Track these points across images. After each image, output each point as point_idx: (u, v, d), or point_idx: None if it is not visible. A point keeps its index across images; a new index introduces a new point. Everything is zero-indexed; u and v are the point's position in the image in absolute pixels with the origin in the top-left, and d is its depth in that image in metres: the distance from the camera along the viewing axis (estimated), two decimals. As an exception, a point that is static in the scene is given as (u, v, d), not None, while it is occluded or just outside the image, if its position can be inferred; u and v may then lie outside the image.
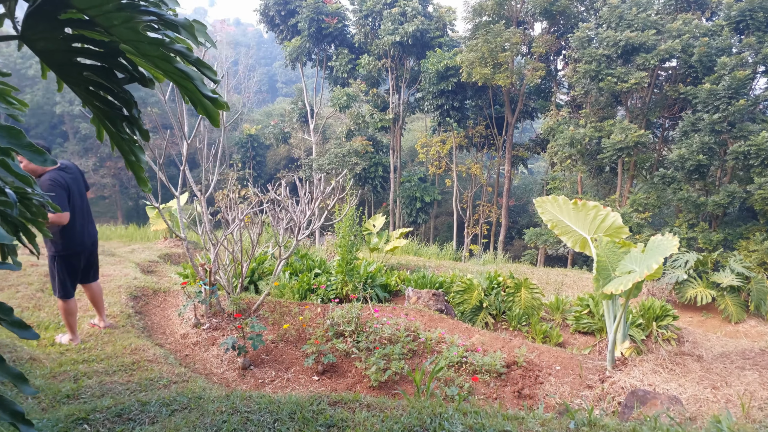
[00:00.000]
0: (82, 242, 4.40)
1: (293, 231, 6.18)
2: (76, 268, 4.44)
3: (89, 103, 1.81)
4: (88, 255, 4.60)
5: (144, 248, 11.04)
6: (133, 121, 1.75)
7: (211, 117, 1.69)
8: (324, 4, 27.67)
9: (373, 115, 26.54)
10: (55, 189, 4.14)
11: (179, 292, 6.46)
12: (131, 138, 1.79)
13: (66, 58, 1.68)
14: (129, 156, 1.83)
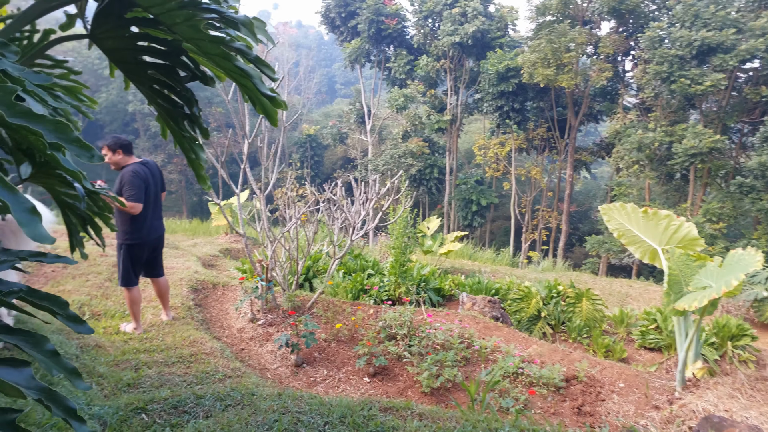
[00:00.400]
0: (147, 235, 4.59)
1: (348, 231, 6.19)
2: (139, 258, 4.64)
3: (153, 102, 1.84)
4: (152, 249, 4.79)
5: (206, 242, 11.44)
6: (194, 119, 1.76)
7: (269, 115, 1.66)
8: (384, 6, 27.80)
9: (430, 116, 26.40)
10: (134, 180, 4.38)
11: (237, 287, 6.61)
12: (192, 136, 1.80)
13: (132, 56, 1.71)
14: (189, 154, 1.85)
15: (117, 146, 4.59)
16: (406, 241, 7.30)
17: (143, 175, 4.45)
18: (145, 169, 4.56)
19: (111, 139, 4.61)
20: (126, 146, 4.66)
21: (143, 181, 4.42)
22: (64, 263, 3.80)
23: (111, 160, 4.57)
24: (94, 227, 2.68)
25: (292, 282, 6.12)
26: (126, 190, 4.37)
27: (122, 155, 4.60)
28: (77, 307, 4.97)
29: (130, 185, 4.37)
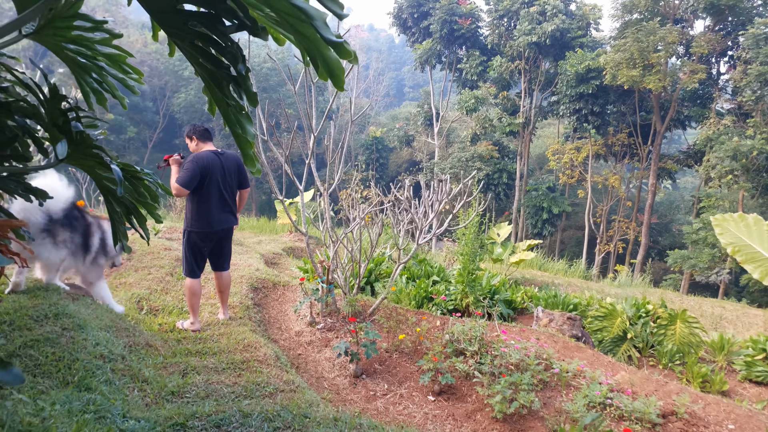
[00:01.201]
0: (209, 226, 4.45)
1: (413, 234, 5.77)
2: (201, 249, 4.52)
3: (195, 62, 1.50)
4: (216, 242, 4.61)
5: (270, 240, 11.40)
6: (240, 81, 1.40)
7: (334, 75, 1.27)
8: (458, 6, 27.23)
9: (502, 118, 25.51)
10: (189, 165, 4.34)
11: (297, 287, 6.36)
12: (238, 105, 1.45)
13: (169, 3, 1.39)
14: (235, 127, 1.49)
15: (191, 133, 4.61)
16: (475, 248, 6.77)
17: (203, 163, 4.34)
18: (213, 158, 4.43)
19: (188, 128, 4.66)
20: (200, 133, 4.60)
21: (201, 168, 4.31)
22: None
23: (190, 148, 4.64)
24: (137, 217, 2.40)
25: (353, 285, 5.78)
26: (179, 173, 4.38)
27: (196, 142, 4.59)
28: (136, 301, 4.85)
29: (184, 169, 4.36)
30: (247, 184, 4.80)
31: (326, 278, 5.42)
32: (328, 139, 5.75)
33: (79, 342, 2.81)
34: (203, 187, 4.37)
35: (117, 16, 41.58)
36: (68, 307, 3.15)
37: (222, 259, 4.75)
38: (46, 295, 3.29)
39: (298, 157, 38.02)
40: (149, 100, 38.81)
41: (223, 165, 4.50)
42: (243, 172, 4.71)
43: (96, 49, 2.04)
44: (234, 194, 4.66)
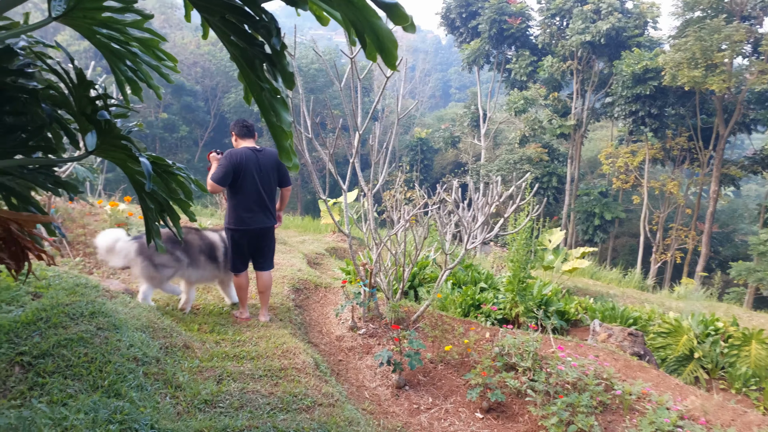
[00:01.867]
0: (245, 224, 4.40)
1: (461, 238, 5.49)
2: (241, 246, 4.48)
3: (226, 41, 1.31)
4: (254, 241, 4.51)
5: (314, 240, 11.32)
6: (275, 59, 1.19)
7: (385, 51, 1.05)
8: (507, 5, 26.60)
9: (552, 120, 24.71)
10: (223, 161, 4.31)
11: (339, 290, 6.19)
12: (272, 87, 1.24)
13: (198, -32, 1.20)
14: (270, 114, 1.29)
15: (232, 129, 4.59)
16: (527, 255, 6.41)
17: (236, 159, 4.28)
18: (248, 155, 4.35)
19: (232, 123, 4.63)
20: (239, 129, 4.53)
21: (233, 164, 4.26)
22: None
23: (233, 144, 4.60)
24: (170, 214, 2.24)
25: (396, 290, 5.55)
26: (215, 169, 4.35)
27: (236, 138, 4.55)
28: (177, 299, 4.79)
29: (218, 165, 4.31)
30: (287, 182, 4.69)
31: (369, 282, 5.22)
32: (372, 140, 5.55)
33: (112, 343, 2.70)
34: (238, 185, 4.31)
35: (172, 19, 43.00)
36: (105, 305, 3.07)
37: (261, 259, 4.63)
38: (84, 293, 3.22)
39: (342, 157, 38.14)
40: (201, 100, 39.89)
41: (260, 162, 4.39)
42: (283, 170, 4.59)
43: (128, 33, 1.89)
44: (272, 193, 4.55)
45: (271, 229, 4.62)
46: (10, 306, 2.96)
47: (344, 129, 39.36)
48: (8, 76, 1.86)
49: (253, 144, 4.54)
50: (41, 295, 3.15)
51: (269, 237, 4.62)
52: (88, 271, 5.56)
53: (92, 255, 5.96)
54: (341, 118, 34.44)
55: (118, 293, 3.60)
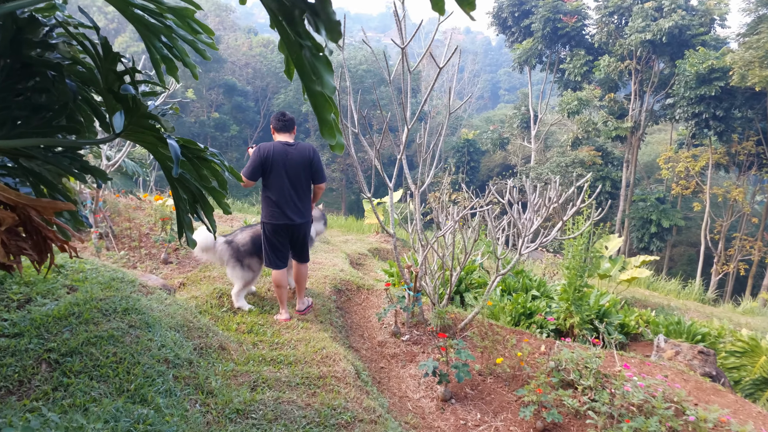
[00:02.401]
0: (274, 218, 4.30)
1: (513, 242, 5.14)
2: (273, 241, 4.38)
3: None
4: (286, 236, 4.41)
5: (357, 240, 11.15)
6: (317, 7, 0.95)
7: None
8: (563, 3, 25.73)
9: (608, 122, 23.68)
10: (252, 155, 4.28)
11: (382, 292, 5.94)
12: (314, 44, 1.00)
13: None
14: (310, 80, 1.05)
15: (271, 122, 4.50)
16: (584, 262, 5.98)
17: (263, 153, 4.21)
18: (278, 149, 4.24)
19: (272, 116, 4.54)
20: (276, 123, 4.44)
21: (260, 158, 4.20)
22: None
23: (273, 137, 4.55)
24: (204, 206, 2.05)
25: (443, 295, 5.25)
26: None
27: (273, 131, 4.49)
28: (217, 296, 4.66)
29: (249, 159, 4.29)
30: (320, 179, 4.49)
31: (413, 285, 4.95)
32: (420, 137, 5.28)
33: (143, 342, 2.55)
34: (268, 179, 4.26)
35: (226, 21, 44.08)
36: (139, 302, 2.93)
37: (296, 251, 4.57)
38: (120, 287, 3.09)
39: (387, 158, 37.99)
40: (251, 100, 40.68)
41: (290, 157, 4.26)
42: (316, 166, 4.41)
43: (162, 2, 1.69)
44: (304, 189, 4.39)
45: (302, 226, 4.43)
46: (45, 299, 2.87)
47: (390, 130, 39.27)
48: (33, 49, 1.71)
49: (289, 139, 4.42)
50: (77, 288, 3.05)
51: (301, 233, 4.46)
52: (132, 265, 5.54)
53: (137, 249, 5.96)
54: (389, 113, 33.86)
55: (155, 289, 3.47)
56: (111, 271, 3.39)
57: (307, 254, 4.63)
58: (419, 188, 5.03)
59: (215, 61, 35.56)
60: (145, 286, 3.39)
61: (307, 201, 4.46)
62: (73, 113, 1.77)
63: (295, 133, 4.54)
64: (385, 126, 4.51)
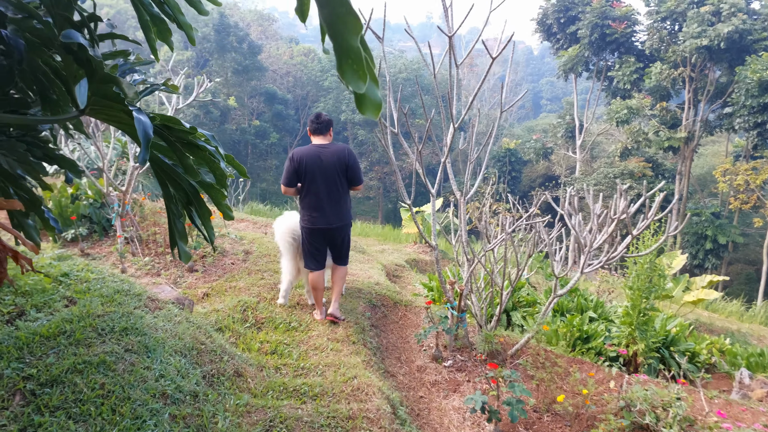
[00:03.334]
0: (312, 223, 4.22)
1: (574, 258, 4.54)
2: (311, 244, 4.30)
3: None
4: (324, 240, 4.32)
5: (393, 250, 10.65)
6: None
7: None
8: (611, 8, 24.71)
9: (659, 132, 22.46)
10: (287, 160, 4.21)
11: (422, 310, 5.42)
12: None
13: None
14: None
15: (308, 124, 4.39)
16: (650, 282, 5.30)
17: (296, 157, 4.16)
18: (311, 152, 4.17)
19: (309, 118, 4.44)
20: (311, 125, 4.34)
21: (293, 162, 4.15)
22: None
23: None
24: (198, 208, 1.60)
25: (491, 315, 4.68)
26: None
27: (310, 134, 4.38)
28: (241, 310, 4.25)
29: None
30: (357, 180, 4.33)
31: (457, 304, 4.41)
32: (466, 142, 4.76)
33: (138, 372, 2.12)
34: (303, 184, 4.19)
35: (268, 31, 44.71)
36: (142, 320, 2.51)
37: (335, 254, 4.48)
38: (123, 302, 2.69)
39: (426, 166, 37.48)
40: (292, 108, 40.94)
41: (324, 160, 4.16)
42: (351, 167, 4.25)
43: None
44: (340, 191, 4.25)
45: (340, 230, 4.32)
46: (39, 313, 2.49)
47: (429, 138, 38.72)
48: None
49: (324, 141, 4.28)
50: (77, 301, 2.67)
51: (339, 237, 4.35)
52: (156, 272, 5.22)
53: (164, 254, 5.64)
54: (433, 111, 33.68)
55: (166, 303, 3.06)
56: (118, 282, 3.01)
57: (346, 257, 4.52)
58: (465, 195, 4.50)
59: (256, 70, 35.97)
60: (155, 300, 2.99)
61: (345, 203, 4.30)
62: (30, 82, 1.34)
63: (331, 135, 4.36)
64: (428, 125, 4.02)
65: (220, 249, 5.84)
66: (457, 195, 4.50)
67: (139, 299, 2.82)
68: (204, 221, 1.51)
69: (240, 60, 34.46)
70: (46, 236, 6.00)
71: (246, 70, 34.96)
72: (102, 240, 6.09)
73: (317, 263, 4.34)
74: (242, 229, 8.54)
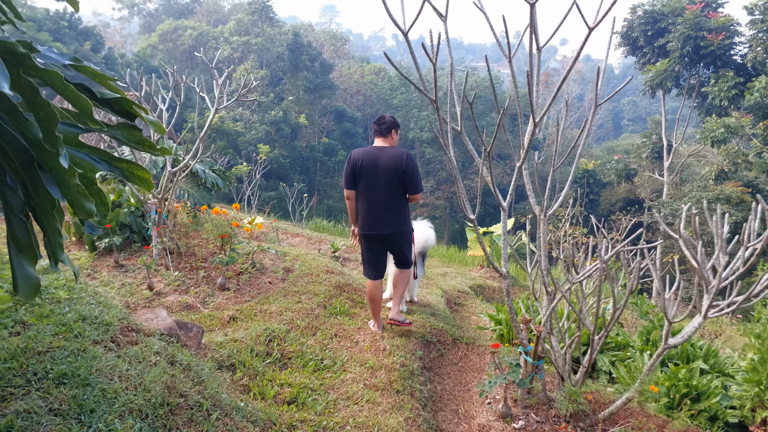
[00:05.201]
0: (366, 229, 4.05)
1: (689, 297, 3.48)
2: (368, 252, 4.14)
3: None
4: (379, 247, 4.13)
5: (456, 274, 9.71)
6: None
7: None
8: (706, 19, 22.68)
9: (762, 153, 20.08)
10: (346, 162, 4.08)
11: (487, 350, 4.50)
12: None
13: None
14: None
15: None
16: (788, 331, 4.10)
17: (353, 158, 4.00)
18: (368, 154, 3.97)
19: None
20: (375, 127, 4.14)
21: (349, 164, 4.01)
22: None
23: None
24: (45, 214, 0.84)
25: (575, 357, 3.70)
26: None
27: (373, 136, 4.19)
28: (266, 340, 3.54)
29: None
30: (415, 188, 4.03)
31: (533, 349, 3.47)
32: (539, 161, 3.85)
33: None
34: (358, 187, 4.02)
35: (340, 51, 45.37)
36: (96, 361, 1.83)
37: (395, 258, 4.28)
38: (83, 333, 2.04)
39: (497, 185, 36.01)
40: (360, 126, 41.07)
41: (380, 163, 3.93)
42: (409, 173, 3.94)
43: None
44: (394, 197, 3.98)
45: (395, 237, 4.07)
46: (-26, 342, 1.88)
47: (500, 157, 37.45)
48: None
49: (384, 143, 4.09)
50: (30, 327, 2.04)
51: (395, 243, 4.12)
52: (184, 289, 4.66)
53: (197, 270, 5.10)
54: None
55: (150, 335, 2.39)
56: (91, 306, 2.38)
57: (407, 260, 4.27)
58: (545, 211, 3.59)
59: (327, 88, 36.38)
60: (133, 331, 2.33)
61: (400, 210, 4.04)
62: None
63: (394, 138, 4.16)
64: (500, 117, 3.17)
65: (259, 265, 5.22)
66: (536, 210, 3.60)
67: (107, 330, 2.17)
68: (52, 237, 0.78)
69: (312, 78, 34.97)
70: (83, 245, 5.66)
71: (317, 88, 35.41)
72: (142, 251, 5.67)
73: (374, 271, 4.13)
74: (295, 245, 7.98)
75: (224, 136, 30.30)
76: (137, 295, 4.41)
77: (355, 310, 4.65)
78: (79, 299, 2.40)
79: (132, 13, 54.89)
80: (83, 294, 2.51)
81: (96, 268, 5.09)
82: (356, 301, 4.89)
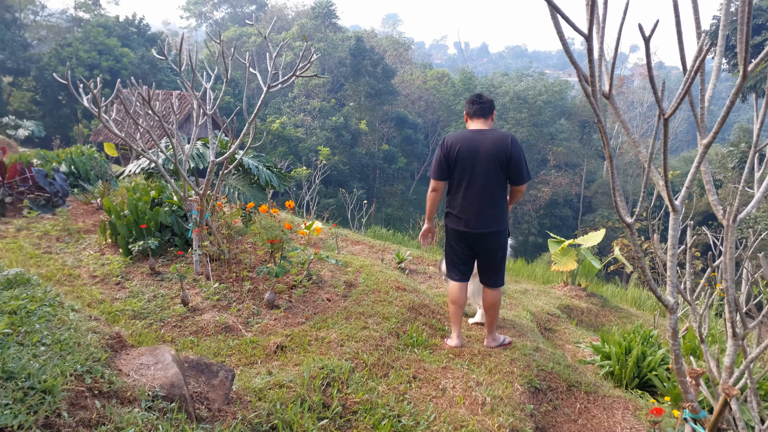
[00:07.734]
0: (456, 224, 3.52)
1: None
2: (454, 249, 3.64)
3: None
4: (470, 247, 3.55)
5: (538, 291, 8.46)
6: None
7: None
8: (814, 11, 20.22)
9: None
10: (437, 148, 3.58)
11: (615, 401, 3.34)
12: None
13: None
14: None
15: (465, 108, 3.67)
16: None
17: (448, 143, 3.47)
18: (467, 138, 3.42)
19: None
20: (469, 106, 3.56)
21: (443, 150, 3.48)
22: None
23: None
24: None
25: None
26: None
27: (467, 119, 3.63)
28: (323, 384, 2.57)
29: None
30: (520, 178, 3.43)
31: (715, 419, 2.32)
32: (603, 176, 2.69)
33: None
34: (451, 176, 3.49)
35: (403, 57, 44.73)
36: None
37: (482, 272, 3.66)
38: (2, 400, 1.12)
39: (563, 197, 34.02)
40: (421, 133, 40.14)
41: (480, 148, 3.38)
42: (514, 160, 3.34)
43: None
44: (494, 188, 3.40)
45: (489, 237, 3.47)
46: None
47: (567, 166, 35.39)
48: None
49: (483, 126, 3.49)
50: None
51: (489, 246, 3.51)
52: (226, 304, 3.80)
53: (245, 280, 4.25)
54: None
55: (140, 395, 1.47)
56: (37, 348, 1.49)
57: (499, 276, 3.62)
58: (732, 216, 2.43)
59: (389, 93, 35.73)
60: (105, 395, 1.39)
61: (499, 204, 3.46)
62: None
63: (493, 120, 3.55)
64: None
65: (316, 277, 4.30)
66: (719, 215, 2.45)
67: (42, 401, 1.25)
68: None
69: (373, 84, 34.41)
70: (119, 248, 4.95)
71: (379, 93, 34.81)
72: (185, 256, 4.90)
73: (460, 273, 3.67)
74: (356, 253, 7.06)
75: (285, 142, 30.18)
76: (168, 311, 3.59)
77: (435, 341, 3.63)
78: (30, 332, 1.51)
79: (200, 22, 56.92)
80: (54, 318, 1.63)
81: (128, 275, 4.34)
82: (436, 328, 3.87)
